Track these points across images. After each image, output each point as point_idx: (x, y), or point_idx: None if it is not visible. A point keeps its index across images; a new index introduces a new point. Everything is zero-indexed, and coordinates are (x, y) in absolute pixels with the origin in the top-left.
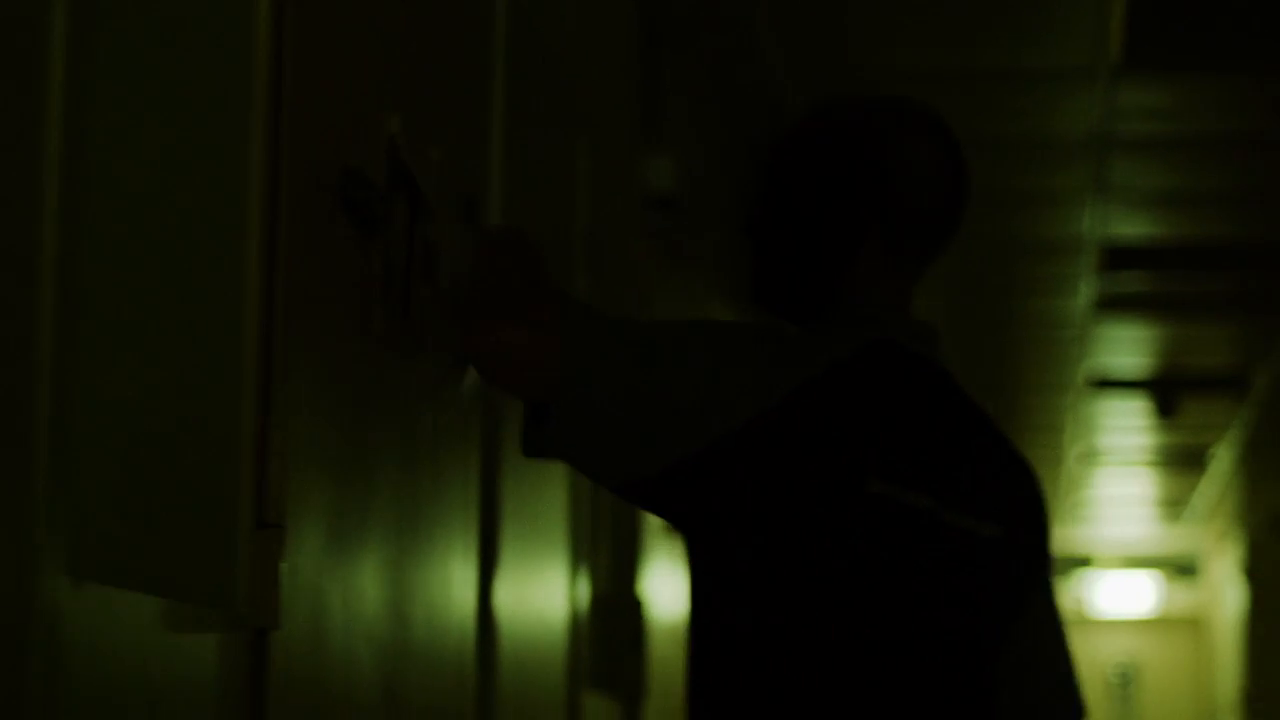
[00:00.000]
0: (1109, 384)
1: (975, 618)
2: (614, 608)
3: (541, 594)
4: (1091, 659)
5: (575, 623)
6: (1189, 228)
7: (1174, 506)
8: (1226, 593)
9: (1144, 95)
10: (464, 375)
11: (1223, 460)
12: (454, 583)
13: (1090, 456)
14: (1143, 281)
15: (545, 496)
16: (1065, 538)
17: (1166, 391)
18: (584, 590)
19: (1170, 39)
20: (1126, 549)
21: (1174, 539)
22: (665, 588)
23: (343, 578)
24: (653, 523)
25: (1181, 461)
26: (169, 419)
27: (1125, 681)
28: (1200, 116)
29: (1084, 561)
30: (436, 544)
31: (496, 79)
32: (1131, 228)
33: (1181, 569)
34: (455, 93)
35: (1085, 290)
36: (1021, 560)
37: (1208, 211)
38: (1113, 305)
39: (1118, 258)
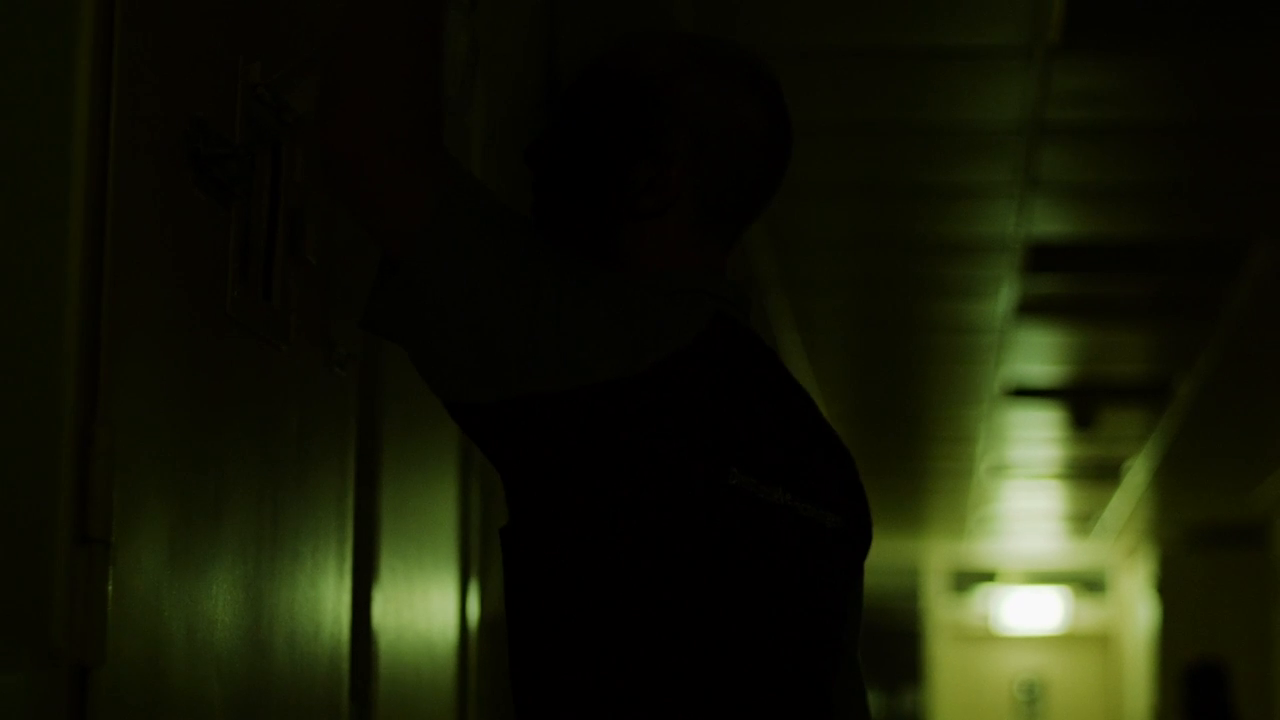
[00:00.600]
0: (1025, 393)
1: (823, 607)
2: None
3: (426, 615)
4: (997, 674)
5: (465, 646)
6: (1117, 225)
7: (1084, 521)
8: (1136, 608)
9: (1080, 79)
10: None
11: (1137, 473)
12: (324, 605)
13: (1001, 469)
14: (1066, 284)
15: (431, 503)
16: (972, 552)
17: (1084, 402)
18: (475, 608)
19: (1114, 17)
20: (1034, 564)
21: (1083, 554)
22: None
23: (187, 602)
24: None
25: (1094, 474)
26: None
27: (1032, 698)
28: (1140, 103)
29: (990, 576)
30: (303, 561)
31: None
32: (1059, 225)
33: (1090, 584)
34: (327, 36)
35: (1007, 293)
36: (854, 547)
37: (1136, 207)
38: (1034, 309)
39: (1043, 257)
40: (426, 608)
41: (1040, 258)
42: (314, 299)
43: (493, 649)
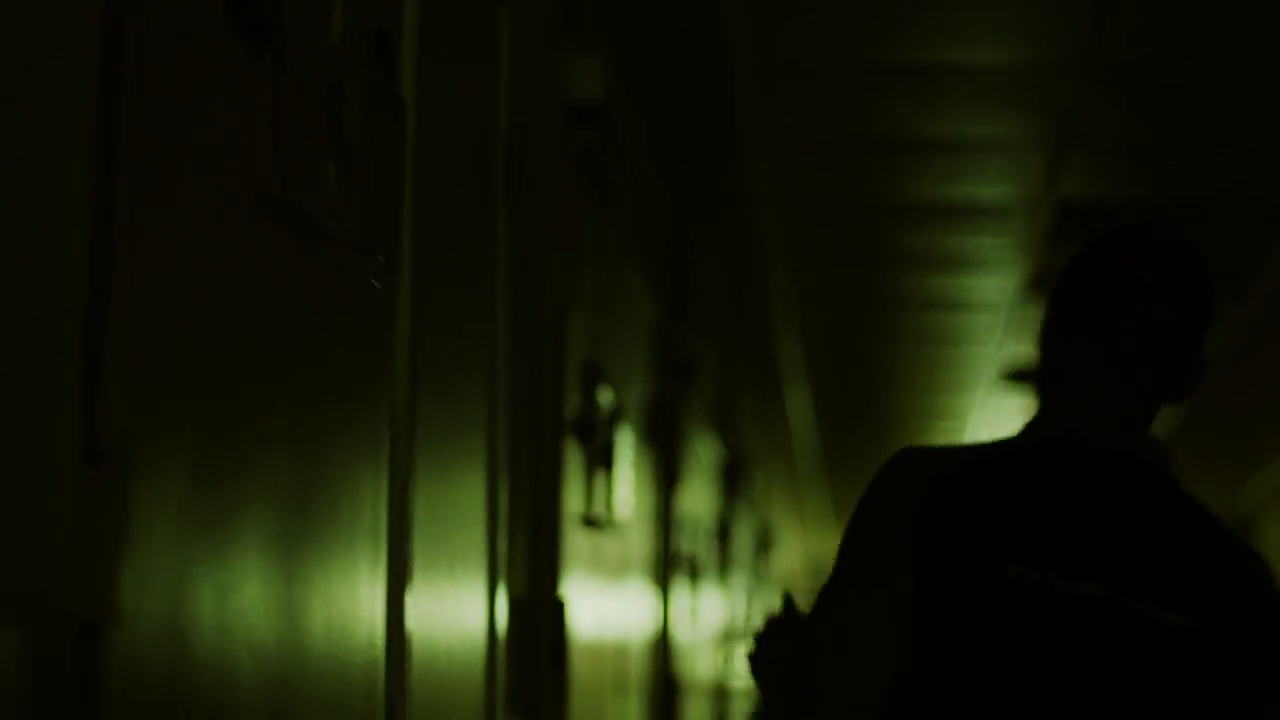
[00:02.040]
0: (1026, 376)
1: (1171, 706)
2: (532, 617)
3: (457, 605)
4: None
5: (493, 638)
6: (1155, 186)
7: None
8: None
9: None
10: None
11: None
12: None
13: None
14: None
15: (460, 480)
16: None
17: None
18: (503, 600)
19: None
20: None
21: None
22: (591, 592)
23: (216, 556)
24: (573, 512)
25: None
26: None
27: None
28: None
29: None
30: (341, 512)
31: None
32: (1094, 185)
33: None
34: None
35: (1021, 264)
36: (1227, 651)
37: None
38: (1049, 283)
39: (1070, 220)
40: (457, 596)
41: (1068, 221)
42: (353, 190)
43: (518, 637)
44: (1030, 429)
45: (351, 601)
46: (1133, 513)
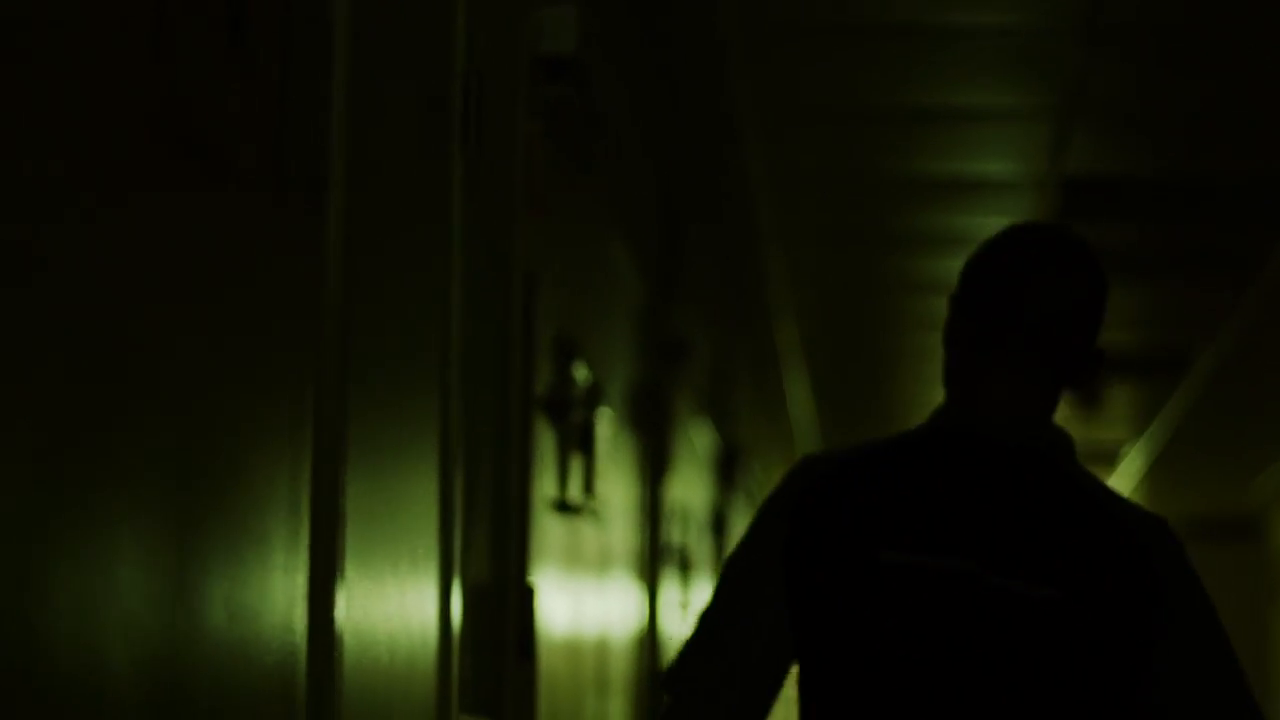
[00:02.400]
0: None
1: (1036, 676)
2: (497, 605)
3: (402, 595)
4: None
5: (446, 629)
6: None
7: None
8: None
9: None
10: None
11: (1133, 461)
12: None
13: None
14: (1098, 230)
15: (406, 459)
16: None
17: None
18: (458, 589)
19: None
20: None
21: None
22: (567, 581)
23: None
24: (545, 496)
25: (1087, 461)
26: None
27: None
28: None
29: None
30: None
31: None
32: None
33: None
34: None
35: None
36: (1090, 622)
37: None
38: None
39: (1075, 197)
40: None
41: (1076, 197)
42: (261, 115)
43: (478, 628)
44: (927, 424)
45: (259, 593)
46: (1005, 494)
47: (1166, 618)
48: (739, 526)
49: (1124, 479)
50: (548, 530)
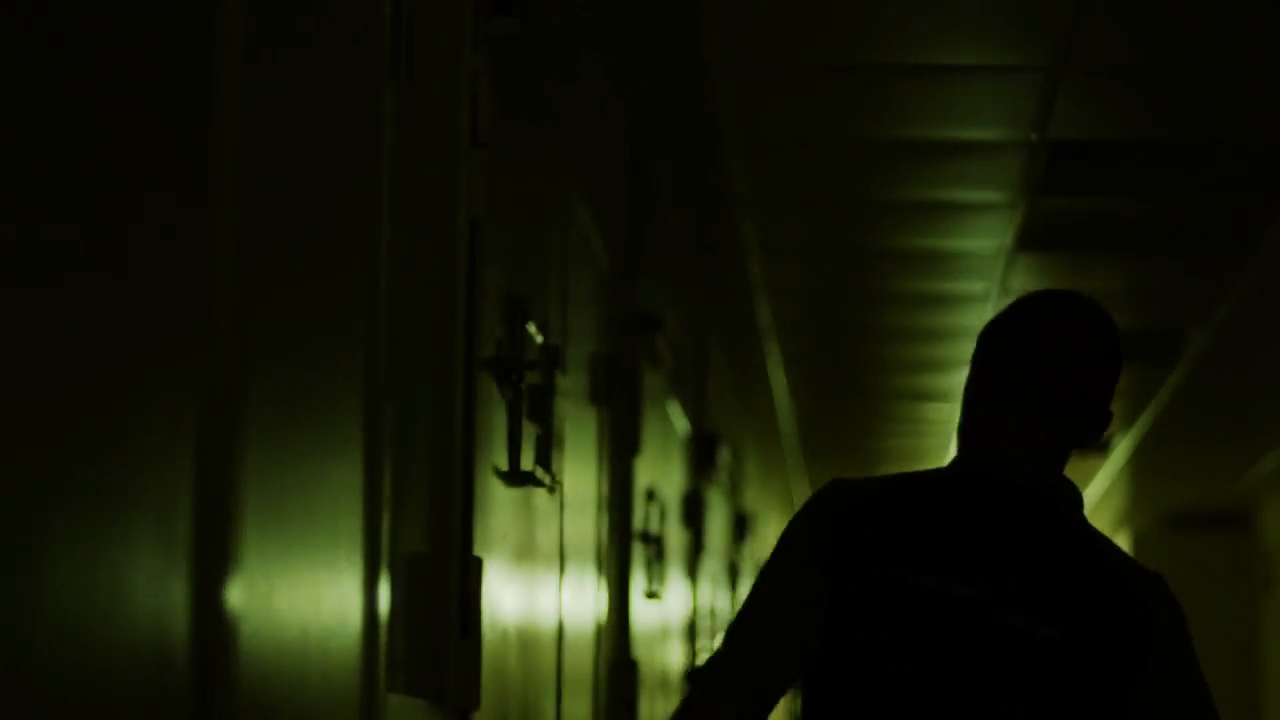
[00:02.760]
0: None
1: (1029, 705)
2: (435, 581)
3: (315, 573)
4: None
5: (372, 607)
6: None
7: None
8: None
9: None
10: None
11: (1125, 450)
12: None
13: None
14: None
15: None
16: None
17: None
18: (385, 565)
19: None
20: None
21: None
22: (520, 560)
23: None
24: (493, 466)
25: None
26: None
27: None
28: None
29: None
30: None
31: None
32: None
33: None
34: None
35: (1008, 219)
36: (1084, 660)
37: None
38: (1039, 241)
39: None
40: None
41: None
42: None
43: (413, 601)
44: (949, 466)
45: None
46: (1019, 534)
47: (1151, 665)
48: (718, 516)
49: (1114, 468)
50: (495, 502)
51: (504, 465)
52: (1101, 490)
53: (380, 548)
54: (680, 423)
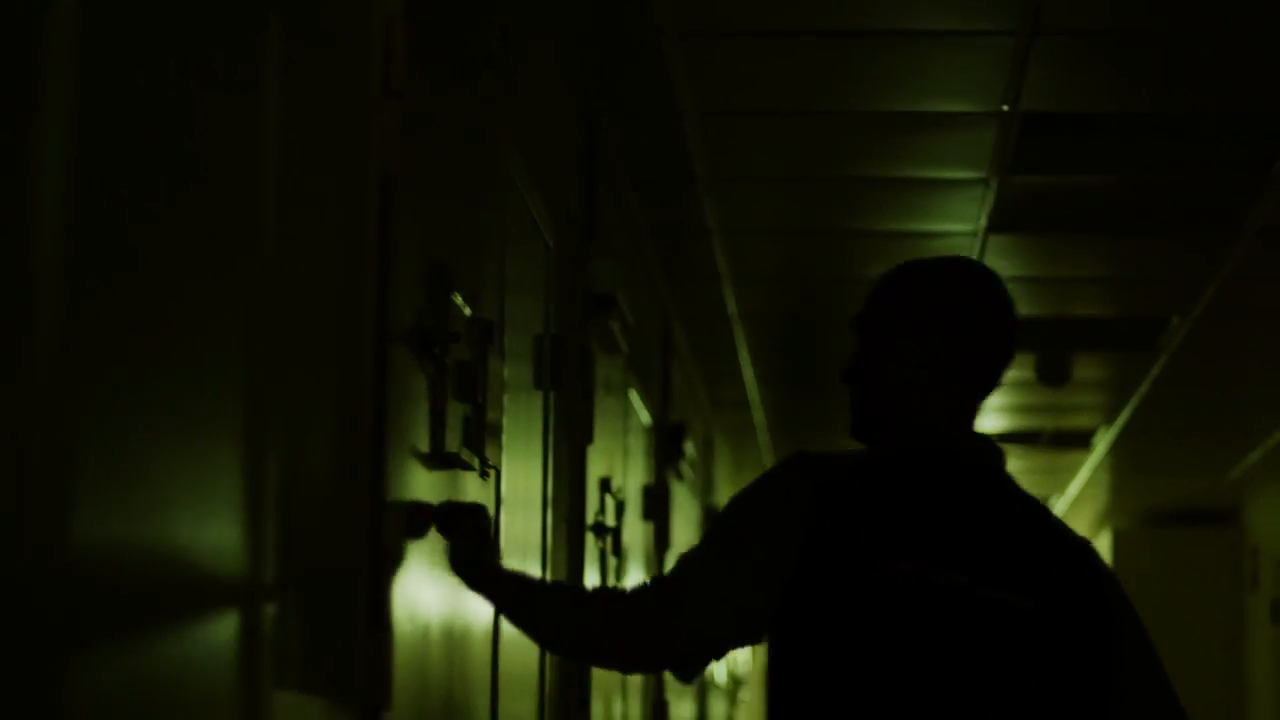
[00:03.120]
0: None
1: (1013, 681)
2: (335, 562)
3: (181, 560)
4: None
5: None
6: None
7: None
8: None
9: None
10: None
11: (1107, 445)
12: None
13: None
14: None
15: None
16: None
17: (1060, 351)
18: (272, 549)
19: None
20: None
21: None
22: (440, 543)
23: None
24: (411, 446)
25: (1059, 444)
26: None
27: None
28: None
29: None
30: None
31: None
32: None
33: None
34: None
35: (979, 200)
36: (1060, 627)
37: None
38: (1011, 223)
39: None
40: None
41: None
42: None
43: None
44: (894, 437)
45: None
46: (982, 512)
47: (1119, 636)
48: (685, 510)
49: (1095, 463)
50: (415, 486)
51: (425, 446)
52: (1081, 486)
53: (262, 534)
54: (642, 412)
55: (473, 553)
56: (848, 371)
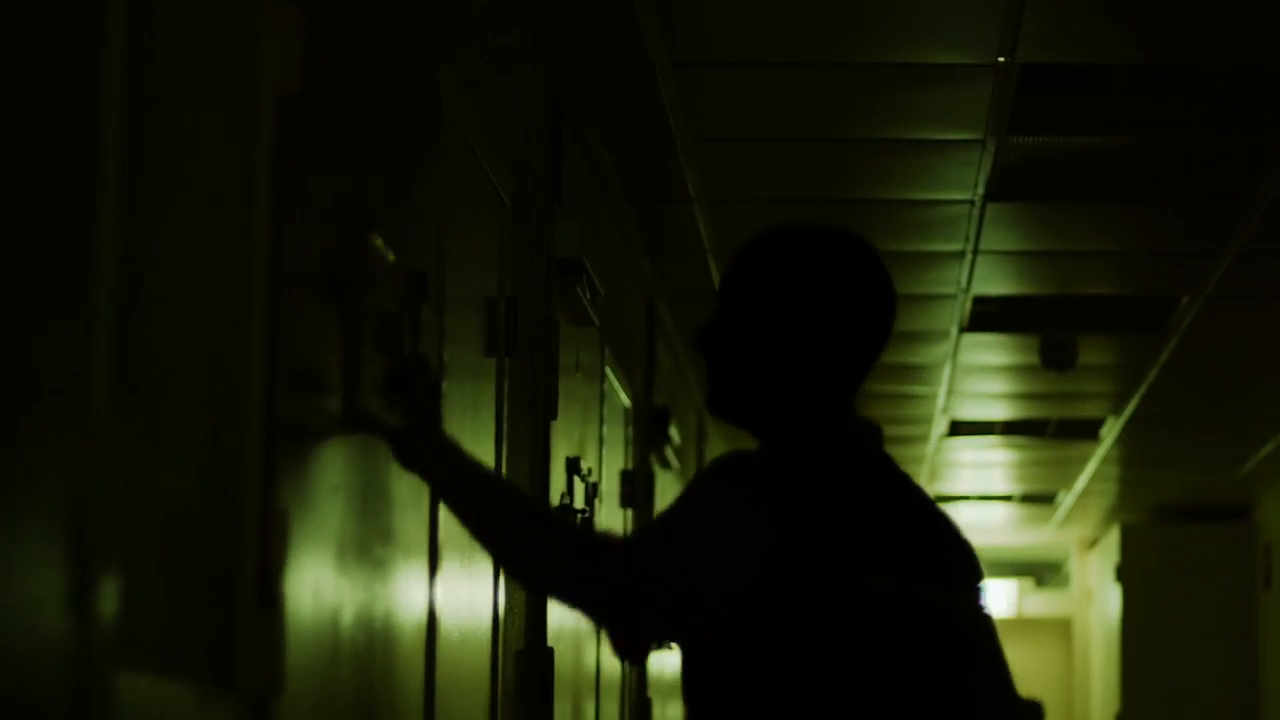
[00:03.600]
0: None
1: (942, 675)
2: (219, 536)
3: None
4: None
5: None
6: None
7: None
8: (1097, 595)
9: None
10: None
11: (1116, 437)
12: None
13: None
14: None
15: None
16: None
17: (1064, 336)
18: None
19: None
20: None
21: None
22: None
23: None
24: (316, 403)
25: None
26: None
27: None
28: None
29: None
30: None
31: None
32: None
33: (1048, 566)
34: None
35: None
36: (968, 618)
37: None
38: (1011, 191)
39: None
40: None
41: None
42: None
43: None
44: (838, 435)
45: None
46: (921, 516)
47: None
48: (668, 499)
49: (1101, 455)
50: (320, 446)
51: (335, 405)
52: (1088, 480)
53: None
54: (621, 393)
55: (426, 422)
56: (705, 340)
